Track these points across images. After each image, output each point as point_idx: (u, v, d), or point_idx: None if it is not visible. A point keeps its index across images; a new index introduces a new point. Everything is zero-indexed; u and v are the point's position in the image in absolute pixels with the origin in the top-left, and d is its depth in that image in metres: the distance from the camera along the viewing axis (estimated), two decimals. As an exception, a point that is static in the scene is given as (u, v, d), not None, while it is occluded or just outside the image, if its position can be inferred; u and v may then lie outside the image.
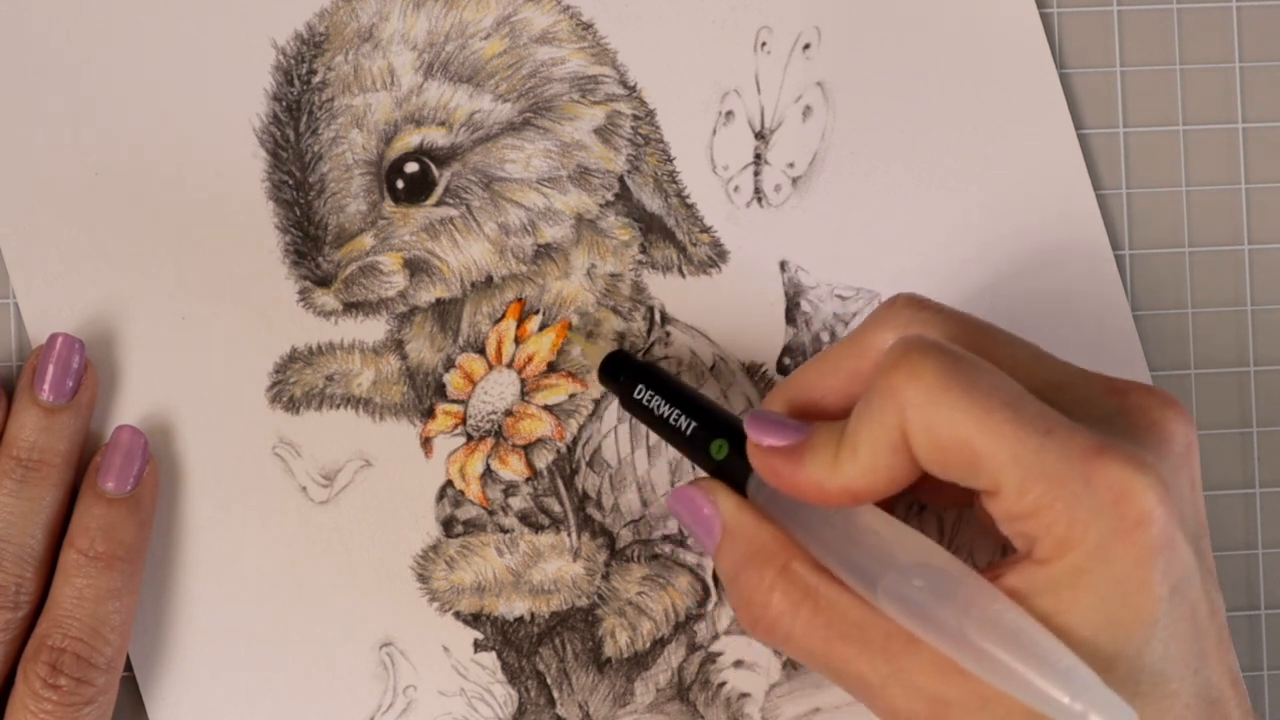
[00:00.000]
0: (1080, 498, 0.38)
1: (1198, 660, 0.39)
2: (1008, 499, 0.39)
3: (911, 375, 0.39)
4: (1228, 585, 0.53)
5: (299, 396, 0.51)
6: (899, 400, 0.39)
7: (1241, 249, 0.53)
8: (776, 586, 0.42)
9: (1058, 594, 0.38)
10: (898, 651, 0.40)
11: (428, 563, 0.51)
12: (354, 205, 0.51)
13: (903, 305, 0.43)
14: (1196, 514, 0.41)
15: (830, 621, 0.41)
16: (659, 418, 0.47)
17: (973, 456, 0.39)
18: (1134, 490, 0.38)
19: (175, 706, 0.50)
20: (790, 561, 0.43)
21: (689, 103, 0.52)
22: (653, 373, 0.48)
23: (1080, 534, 0.38)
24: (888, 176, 0.52)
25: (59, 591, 0.47)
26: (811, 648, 0.42)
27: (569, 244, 0.51)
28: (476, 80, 0.51)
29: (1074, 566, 0.38)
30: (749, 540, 0.43)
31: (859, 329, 0.44)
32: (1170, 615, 0.39)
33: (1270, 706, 0.53)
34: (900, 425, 0.40)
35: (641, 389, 0.47)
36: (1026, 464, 0.38)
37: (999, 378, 0.40)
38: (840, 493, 0.41)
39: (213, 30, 0.51)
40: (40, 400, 0.48)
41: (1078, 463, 0.38)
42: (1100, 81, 0.53)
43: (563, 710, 0.51)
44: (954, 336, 0.42)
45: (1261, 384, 0.53)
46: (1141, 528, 0.38)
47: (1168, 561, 0.38)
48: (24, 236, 0.50)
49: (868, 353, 0.43)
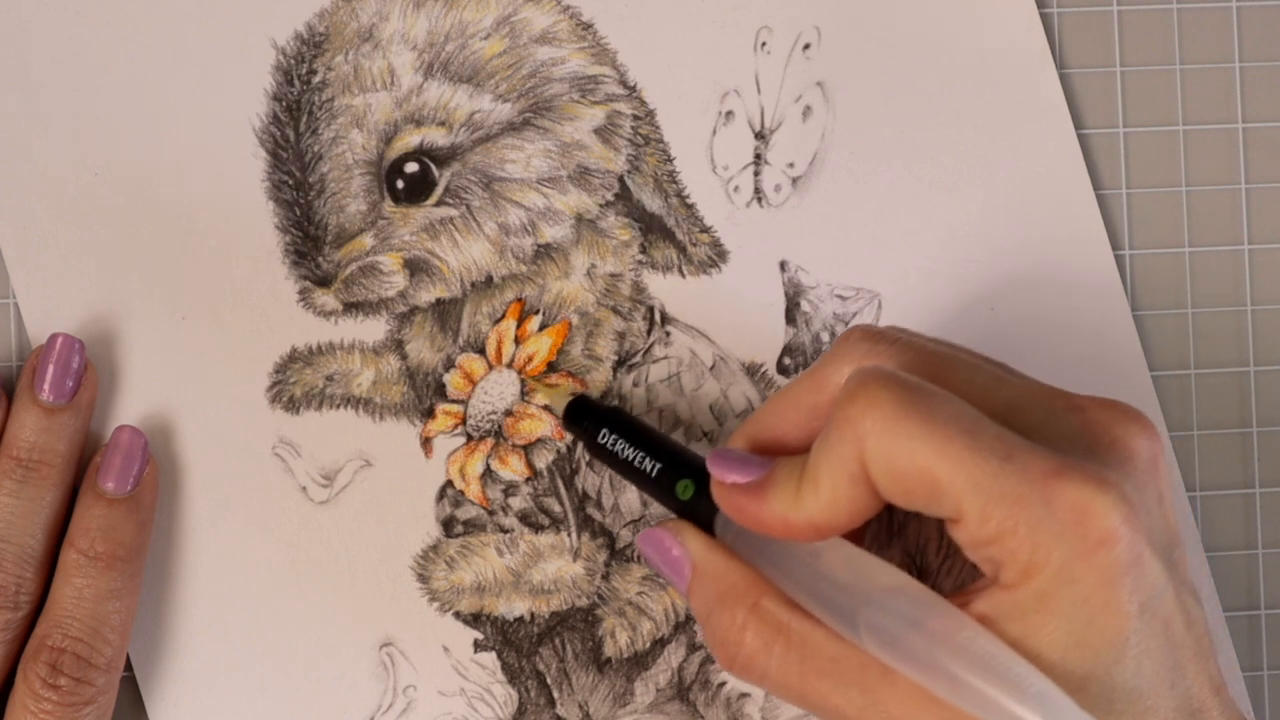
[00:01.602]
0: (1042, 521, 0.38)
1: (1173, 674, 0.39)
2: (970, 526, 0.39)
3: (868, 406, 0.39)
4: (1227, 585, 0.53)
5: (299, 396, 0.51)
6: (857, 432, 0.40)
7: (1241, 249, 0.53)
8: (749, 625, 0.42)
9: (1025, 618, 0.38)
10: (873, 683, 0.40)
11: (428, 563, 0.51)
12: (354, 205, 0.51)
13: (858, 338, 0.43)
14: (1166, 527, 0.41)
15: (804, 657, 0.41)
16: (624, 461, 0.47)
17: (933, 485, 0.39)
18: (1095, 510, 0.38)
19: (175, 706, 0.50)
20: (760, 599, 0.43)
21: (689, 103, 0.52)
22: (616, 417, 0.48)
23: (1044, 557, 0.38)
24: (888, 176, 0.52)
25: (59, 592, 0.47)
26: (787, 683, 0.42)
27: (569, 244, 0.51)
28: (476, 80, 0.51)
29: (1039, 590, 0.38)
30: (719, 579, 0.44)
31: (816, 364, 0.44)
32: (1141, 632, 0.38)
33: (1270, 706, 0.53)
34: (859, 457, 0.40)
35: (605, 433, 0.48)
36: (987, 490, 0.38)
37: (956, 405, 0.40)
38: (805, 527, 0.41)
39: (213, 30, 0.51)
40: (40, 400, 0.48)
41: (1038, 485, 0.38)
42: (1100, 81, 0.53)
43: (563, 710, 0.51)
44: (910, 366, 0.42)
45: (1261, 384, 0.53)
46: (1105, 547, 0.38)
47: (1135, 579, 0.38)
48: (24, 236, 0.50)
49: (825, 387, 0.43)
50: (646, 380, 0.51)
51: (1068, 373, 0.51)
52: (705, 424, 0.51)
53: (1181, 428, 0.53)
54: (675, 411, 0.51)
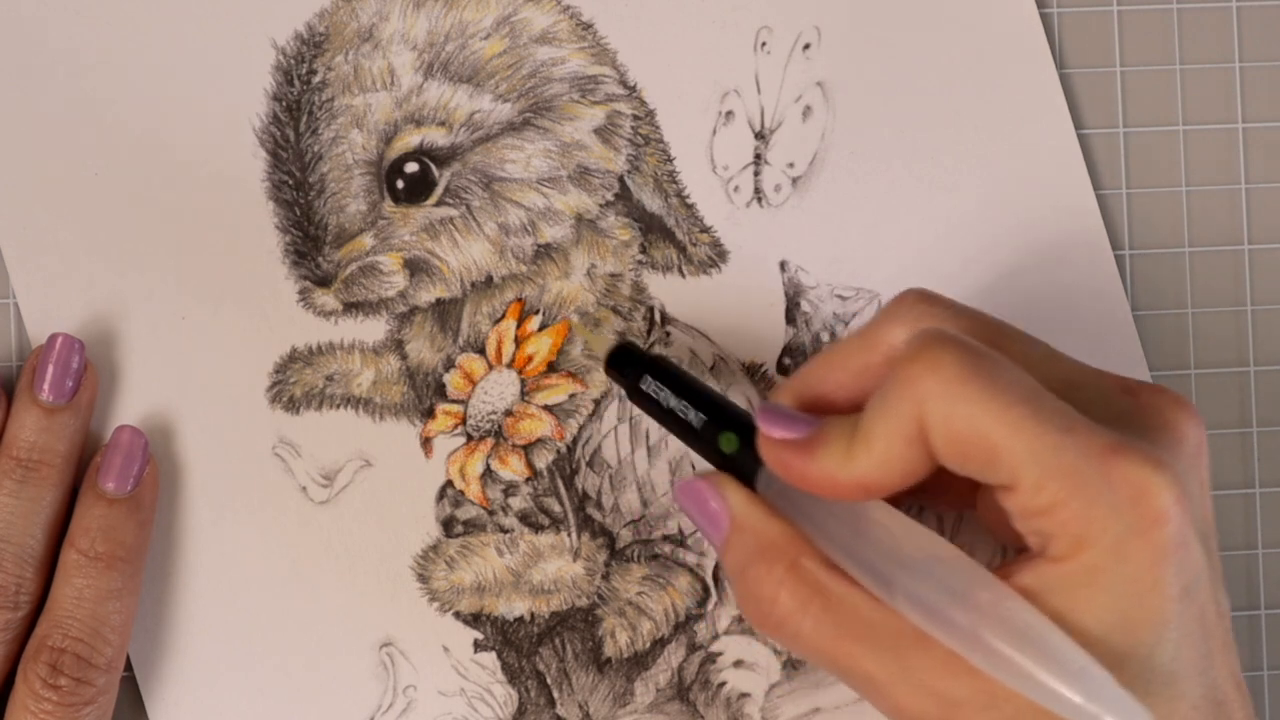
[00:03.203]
0: (1098, 495, 0.38)
1: (1204, 661, 0.39)
2: (1024, 495, 0.39)
3: (931, 367, 0.39)
4: (1228, 585, 0.53)
5: (299, 396, 0.51)
6: (918, 392, 0.39)
7: (1241, 249, 0.53)
8: (785, 583, 0.42)
9: (1071, 592, 0.38)
10: (907, 649, 0.40)
11: (428, 563, 0.51)
12: (354, 205, 0.51)
13: (914, 300, 0.43)
14: (1206, 515, 0.41)
15: (839, 619, 0.41)
16: (667, 410, 0.46)
17: (991, 451, 0.39)
18: (1152, 489, 0.38)
19: (175, 706, 0.50)
20: (799, 557, 0.42)
21: (689, 103, 0.52)
22: (661, 365, 0.47)
23: (1097, 532, 0.38)
24: (888, 176, 0.52)
25: (59, 592, 0.47)
26: (820, 646, 0.41)
27: (569, 244, 0.51)
28: (476, 80, 0.51)
29: (1089, 564, 0.38)
30: (758, 535, 0.43)
31: (869, 324, 0.43)
32: (1182, 616, 0.38)
33: (1270, 706, 0.53)
34: (918, 417, 0.39)
35: (649, 380, 0.46)
36: (1045, 460, 0.38)
37: (1018, 373, 0.39)
38: (853, 485, 0.41)
39: (213, 30, 0.51)
40: (40, 400, 0.48)
41: (1096, 461, 0.38)
42: (1100, 81, 0.53)
43: (563, 710, 0.51)
44: (968, 331, 0.41)
45: (1261, 384, 0.53)
46: (1158, 526, 0.38)
47: (1181, 561, 0.38)
48: (24, 236, 0.50)
49: (878, 347, 0.43)
50: (646, 380, 0.51)
51: (1068, 373, 0.51)
52: (705, 424, 0.51)
53: (1181, 428, 0.53)
54: (675, 411, 0.51)
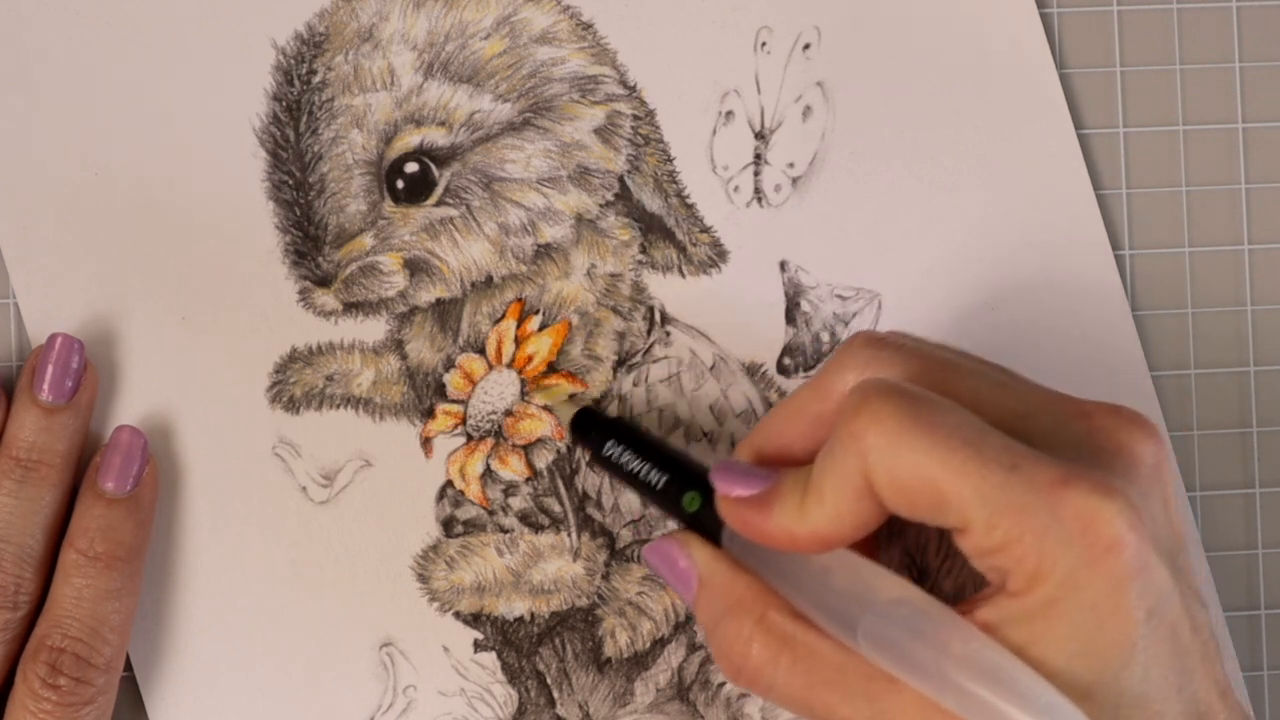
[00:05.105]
0: (1048, 529, 0.38)
1: (1181, 678, 0.39)
2: (976, 536, 0.39)
3: (872, 420, 0.39)
4: (1228, 585, 0.53)
5: (299, 396, 0.51)
6: (860, 445, 0.39)
7: (1241, 249, 0.53)
8: (755, 637, 0.42)
9: (1031, 625, 0.38)
10: (879, 694, 0.40)
11: (428, 563, 0.51)
12: (354, 205, 0.51)
13: (861, 345, 0.43)
14: (1172, 532, 0.41)
15: (810, 669, 0.41)
16: (630, 473, 0.47)
17: (938, 496, 0.39)
18: (1101, 518, 0.38)
19: (175, 706, 0.50)
20: (767, 611, 0.42)
21: (689, 103, 0.52)
22: (621, 428, 0.48)
23: (1050, 565, 0.38)
24: (888, 176, 0.52)
25: (58, 591, 0.47)
26: (793, 695, 0.42)
27: (569, 244, 0.51)
28: (476, 80, 0.51)
29: (1046, 597, 0.38)
30: (725, 592, 0.43)
31: (820, 373, 0.44)
32: (1148, 638, 0.38)
33: (1270, 706, 0.53)
34: (863, 470, 0.40)
35: (611, 445, 0.47)
36: (992, 500, 0.38)
37: (961, 415, 0.40)
38: (810, 539, 0.41)
39: (213, 30, 0.51)
40: (40, 400, 0.48)
41: (1044, 494, 0.38)
42: (1100, 81, 0.53)
43: (563, 710, 0.51)
44: (914, 374, 0.42)
45: (1261, 384, 0.53)
46: (1111, 554, 0.38)
47: (1142, 585, 0.38)
48: (24, 236, 0.50)
49: (830, 396, 0.43)
50: (646, 380, 0.51)
51: (1067, 373, 0.51)
52: (705, 424, 0.51)
53: (1181, 428, 0.53)
54: (675, 411, 0.51)
